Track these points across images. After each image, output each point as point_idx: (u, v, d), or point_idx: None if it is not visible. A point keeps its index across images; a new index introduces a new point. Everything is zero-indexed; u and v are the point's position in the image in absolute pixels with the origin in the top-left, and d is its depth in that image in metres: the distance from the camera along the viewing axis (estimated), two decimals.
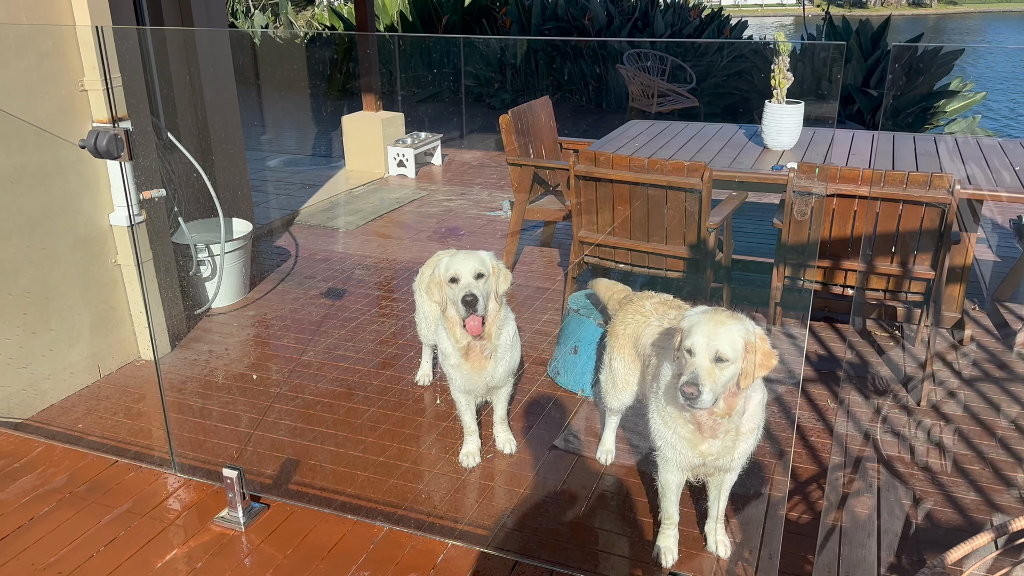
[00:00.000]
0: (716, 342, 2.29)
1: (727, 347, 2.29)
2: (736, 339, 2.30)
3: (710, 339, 2.29)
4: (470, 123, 11.06)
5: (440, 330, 3.11)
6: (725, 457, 2.52)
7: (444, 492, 3.11)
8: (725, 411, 2.41)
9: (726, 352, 2.28)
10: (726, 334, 2.30)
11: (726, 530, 2.81)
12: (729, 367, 2.30)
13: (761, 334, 2.36)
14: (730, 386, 2.35)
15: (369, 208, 6.84)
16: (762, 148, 4.76)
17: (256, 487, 3.11)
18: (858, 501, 3.01)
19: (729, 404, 2.40)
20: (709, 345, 2.29)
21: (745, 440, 2.51)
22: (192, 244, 4.60)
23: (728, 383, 2.33)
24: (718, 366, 2.29)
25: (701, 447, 2.49)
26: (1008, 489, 3.07)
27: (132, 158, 2.59)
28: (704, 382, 2.26)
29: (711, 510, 2.77)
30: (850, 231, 3.75)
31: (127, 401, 3.82)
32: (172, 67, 5.04)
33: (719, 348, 2.28)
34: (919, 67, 10.46)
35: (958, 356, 4.09)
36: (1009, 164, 4.33)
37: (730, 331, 2.31)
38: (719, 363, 2.29)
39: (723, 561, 2.74)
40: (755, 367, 2.33)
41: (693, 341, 2.32)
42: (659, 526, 2.77)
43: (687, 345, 2.33)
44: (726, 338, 2.29)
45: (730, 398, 2.39)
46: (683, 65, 10.73)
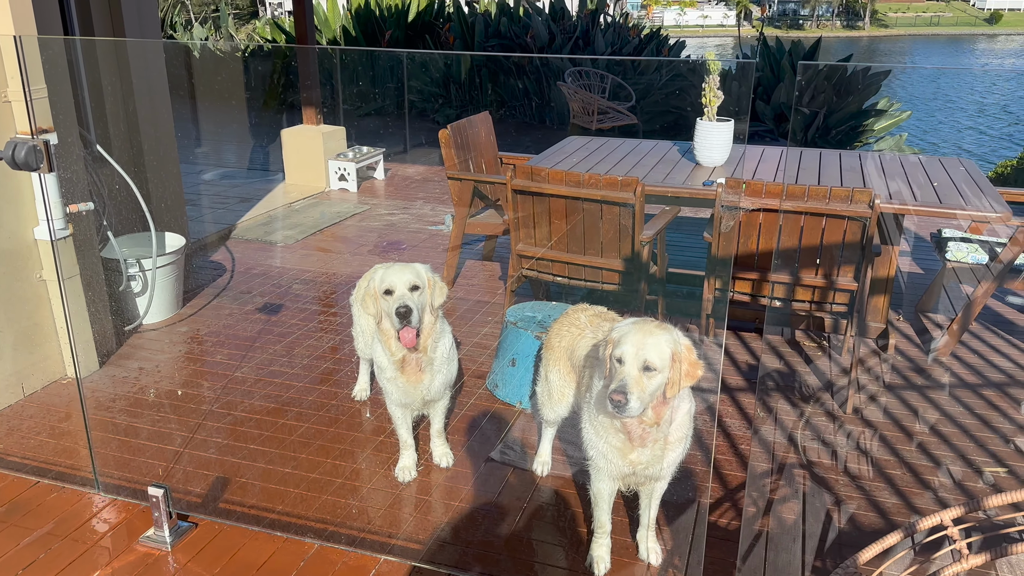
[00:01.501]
0: (644, 351, 2.33)
1: (655, 356, 2.34)
2: (664, 349, 2.35)
3: (638, 348, 2.34)
4: (413, 138, 11.06)
5: (376, 343, 3.10)
6: (654, 466, 2.57)
7: (378, 507, 3.09)
8: (653, 420, 2.46)
9: (654, 361, 2.33)
10: (654, 344, 2.35)
11: (657, 537, 2.86)
12: (656, 376, 2.35)
13: (688, 344, 2.42)
14: (657, 395, 2.40)
15: (309, 222, 6.78)
16: (694, 164, 4.88)
17: (184, 506, 3.05)
18: (784, 506, 3.09)
19: (657, 413, 2.45)
20: (638, 354, 2.33)
21: (673, 449, 2.56)
22: (122, 259, 4.50)
23: (655, 392, 2.37)
24: (646, 375, 2.34)
25: (631, 456, 2.53)
26: (926, 491, 3.18)
27: (53, 170, 2.53)
28: (632, 390, 2.31)
29: (642, 518, 2.81)
30: (776, 244, 3.86)
31: (51, 420, 3.70)
32: (103, 78, 4.94)
33: (647, 357, 2.33)
34: (848, 87, 10.84)
35: (881, 364, 4.24)
36: (929, 180, 4.53)
37: (658, 341, 2.36)
38: (647, 372, 2.34)
39: (654, 568, 2.78)
40: (681, 376, 2.39)
41: (622, 350, 2.36)
42: (592, 535, 2.80)
43: (616, 354, 2.37)
44: (654, 348, 2.34)
45: (658, 407, 2.44)
46: (623, 83, 10.93)
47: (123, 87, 5.05)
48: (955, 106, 18.75)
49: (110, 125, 5.02)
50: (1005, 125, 16.97)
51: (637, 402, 2.31)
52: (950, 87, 20.96)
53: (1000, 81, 20.87)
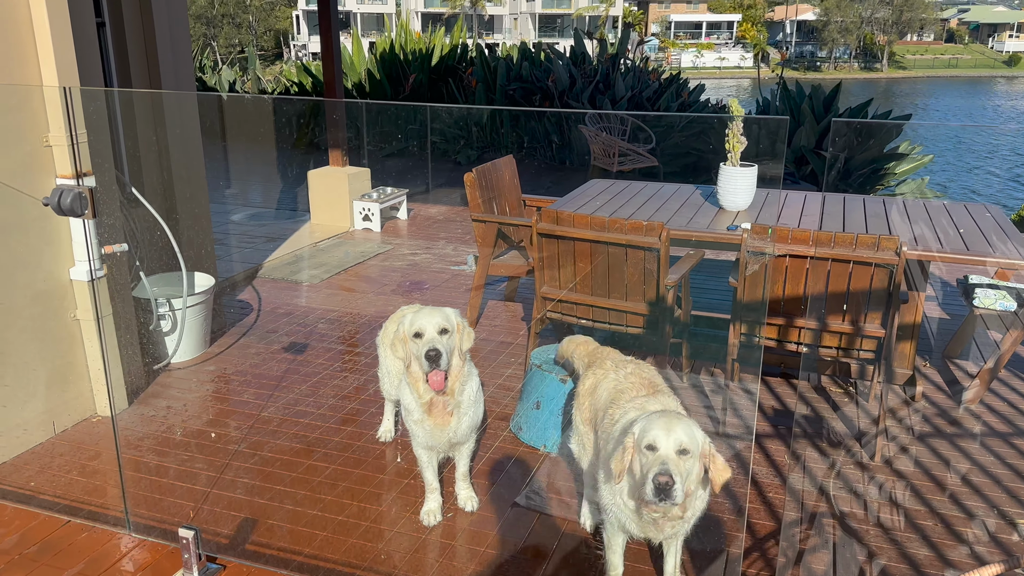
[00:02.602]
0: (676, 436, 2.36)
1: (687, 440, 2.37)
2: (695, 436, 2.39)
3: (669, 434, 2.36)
4: (436, 178, 11.21)
5: (403, 385, 3.13)
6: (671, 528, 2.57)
7: (404, 552, 3.08)
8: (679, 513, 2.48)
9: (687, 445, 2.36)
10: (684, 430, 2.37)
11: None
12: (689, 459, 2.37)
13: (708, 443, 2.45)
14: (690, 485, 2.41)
15: (333, 262, 6.86)
16: (718, 208, 4.91)
17: (212, 547, 3.06)
18: (814, 557, 3.05)
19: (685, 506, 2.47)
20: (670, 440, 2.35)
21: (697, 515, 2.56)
22: (153, 298, 4.57)
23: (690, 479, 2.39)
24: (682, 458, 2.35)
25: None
26: (959, 544, 3.13)
27: (96, 216, 2.61)
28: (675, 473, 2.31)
29: (666, 566, 2.79)
30: (803, 290, 3.87)
31: (82, 459, 3.74)
32: (139, 124, 5.07)
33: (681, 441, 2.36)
34: (869, 131, 10.87)
35: (910, 412, 4.20)
36: (954, 225, 4.52)
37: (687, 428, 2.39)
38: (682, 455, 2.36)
39: None
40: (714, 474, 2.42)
41: (654, 436, 2.37)
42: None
43: (647, 442, 2.38)
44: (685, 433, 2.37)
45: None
46: (643, 126, 11.03)
47: (157, 132, 5.18)
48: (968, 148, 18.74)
49: (143, 169, 5.14)
50: (1013, 167, 16.95)
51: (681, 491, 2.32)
52: (972, 132, 20.97)
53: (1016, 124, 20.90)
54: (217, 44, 45.09)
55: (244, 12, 52.41)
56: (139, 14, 4.98)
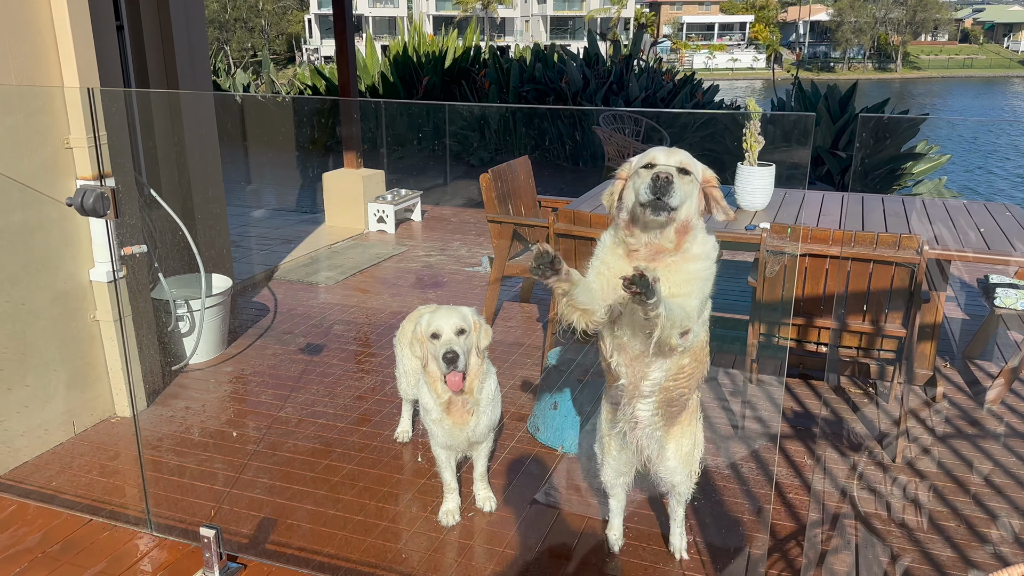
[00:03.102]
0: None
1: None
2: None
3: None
4: (450, 180, 11.22)
5: (421, 385, 3.13)
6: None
7: (423, 552, 3.08)
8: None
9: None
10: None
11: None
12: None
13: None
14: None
15: (349, 263, 6.88)
16: (735, 208, 4.88)
17: (233, 546, 3.07)
18: (837, 558, 3.03)
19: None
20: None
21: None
22: (172, 299, 4.60)
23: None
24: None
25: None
26: (983, 545, 3.10)
27: (118, 216, 2.62)
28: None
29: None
30: (822, 290, 3.84)
31: (102, 459, 3.76)
32: (157, 126, 5.11)
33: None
34: (886, 131, 10.82)
35: (931, 413, 4.16)
36: (975, 225, 4.48)
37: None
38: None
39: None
40: None
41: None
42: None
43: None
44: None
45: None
46: (657, 127, 11.01)
47: (175, 134, 5.22)
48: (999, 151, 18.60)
49: (161, 170, 5.18)
50: (1015, 166, 16.80)
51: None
52: (990, 131, 20.80)
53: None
54: (230, 48, 45.37)
55: (256, 16, 52.72)
56: (157, 16, 5.02)
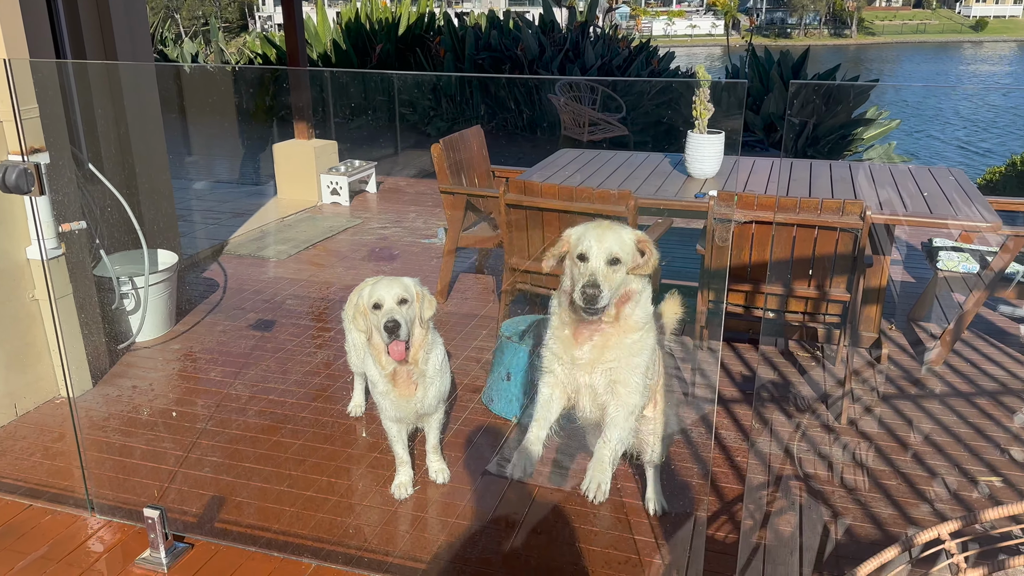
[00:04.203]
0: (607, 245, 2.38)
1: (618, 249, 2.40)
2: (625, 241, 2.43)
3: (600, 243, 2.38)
4: (405, 151, 11.08)
5: (367, 358, 3.10)
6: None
7: (375, 525, 3.08)
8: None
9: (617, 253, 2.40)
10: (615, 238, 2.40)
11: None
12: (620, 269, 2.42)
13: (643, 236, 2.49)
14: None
15: (301, 237, 6.78)
16: (686, 176, 4.90)
17: (180, 526, 3.03)
18: (781, 519, 3.09)
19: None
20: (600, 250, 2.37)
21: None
22: (115, 277, 4.48)
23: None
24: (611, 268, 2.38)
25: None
26: (922, 502, 3.19)
27: (44, 193, 2.53)
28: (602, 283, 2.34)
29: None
30: (769, 256, 3.88)
31: (44, 441, 3.68)
32: (95, 97, 4.94)
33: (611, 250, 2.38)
34: (837, 97, 10.92)
35: (875, 374, 4.26)
36: (919, 189, 4.56)
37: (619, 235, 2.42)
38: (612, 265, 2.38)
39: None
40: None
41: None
42: None
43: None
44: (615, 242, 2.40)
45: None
46: (613, 95, 10.98)
47: (115, 106, 5.05)
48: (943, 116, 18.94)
49: (102, 144, 5.02)
50: (957, 130, 17.18)
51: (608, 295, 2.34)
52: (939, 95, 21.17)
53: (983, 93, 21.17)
54: (180, 16, 44.03)
55: None
56: None
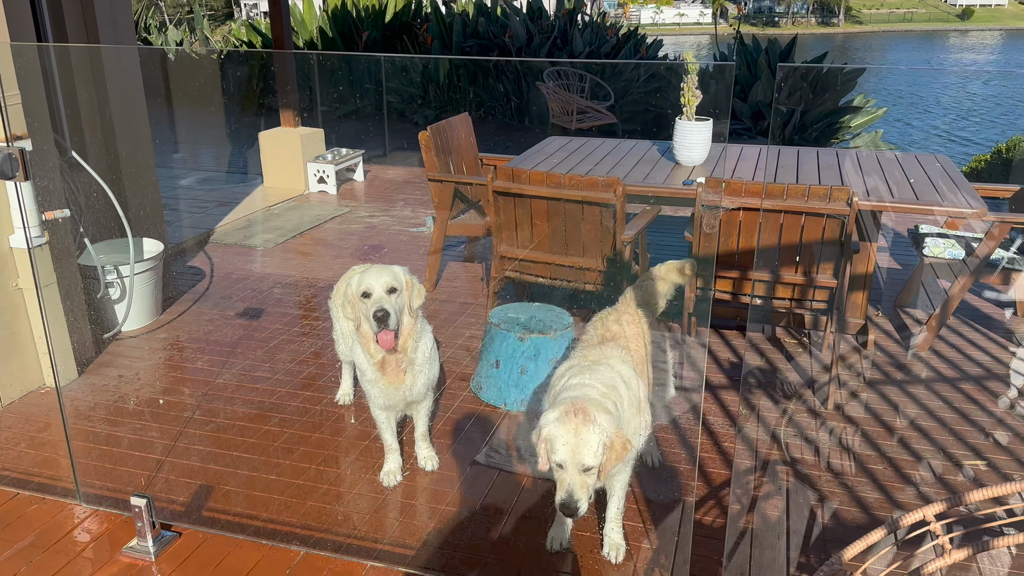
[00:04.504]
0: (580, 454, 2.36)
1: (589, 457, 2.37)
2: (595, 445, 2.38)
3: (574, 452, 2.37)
4: (393, 139, 11.03)
5: (356, 346, 3.09)
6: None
7: (364, 512, 3.08)
8: None
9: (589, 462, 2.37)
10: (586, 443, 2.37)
11: (623, 534, 2.86)
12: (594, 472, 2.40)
13: (616, 430, 2.43)
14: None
15: (289, 226, 6.74)
16: (674, 163, 4.90)
17: (167, 515, 3.02)
18: (768, 503, 3.11)
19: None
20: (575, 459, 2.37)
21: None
22: (99, 266, 4.45)
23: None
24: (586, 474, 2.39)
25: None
26: (907, 486, 3.22)
27: (28, 178, 2.50)
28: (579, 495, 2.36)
29: (608, 510, 2.83)
30: (757, 242, 3.89)
31: (30, 431, 3.66)
32: (78, 83, 4.88)
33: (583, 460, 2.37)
34: (825, 84, 10.94)
35: (861, 360, 4.28)
36: (906, 176, 4.58)
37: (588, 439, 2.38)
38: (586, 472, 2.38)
39: (623, 566, 2.78)
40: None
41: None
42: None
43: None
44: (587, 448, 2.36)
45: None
46: (602, 83, 10.96)
47: (98, 92, 4.99)
48: (928, 104, 19.02)
49: (85, 131, 4.97)
50: (942, 118, 17.26)
51: (586, 506, 2.39)
52: (926, 83, 21.26)
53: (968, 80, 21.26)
54: (164, 4, 43.52)
55: None
56: None
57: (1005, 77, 20.82)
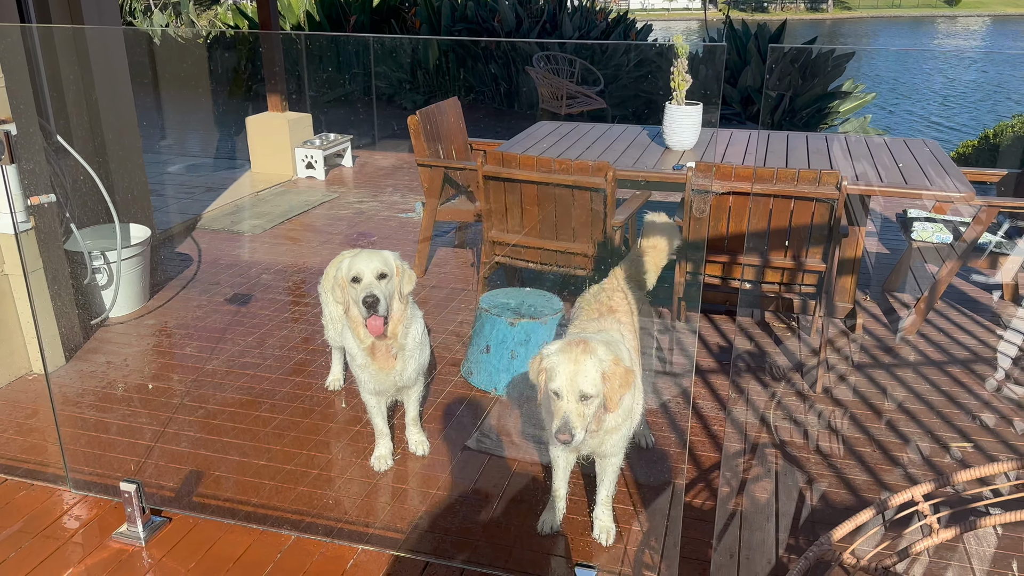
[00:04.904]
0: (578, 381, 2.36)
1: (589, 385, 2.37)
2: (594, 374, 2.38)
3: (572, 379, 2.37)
4: (381, 124, 10.98)
5: (345, 331, 3.08)
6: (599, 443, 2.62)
7: (355, 497, 3.08)
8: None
9: (588, 390, 2.37)
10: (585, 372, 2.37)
11: (613, 517, 2.88)
12: (594, 401, 2.39)
13: (615, 358, 2.42)
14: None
15: (277, 211, 6.70)
16: (664, 148, 4.90)
17: (157, 500, 3.01)
18: (757, 485, 3.13)
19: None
20: (572, 385, 2.36)
21: (619, 431, 2.59)
22: (86, 251, 4.41)
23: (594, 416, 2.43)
24: (584, 403, 2.38)
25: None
26: (895, 468, 3.25)
27: (14, 161, 2.47)
28: (575, 424, 2.35)
29: (599, 494, 2.84)
30: (746, 227, 3.90)
31: (18, 417, 3.63)
32: (63, 67, 4.82)
33: (582, 388, 2.36)
34: (813, 69, 10.94)
35: (849, 343, 4.31)
36: (894, 161, 4.59)
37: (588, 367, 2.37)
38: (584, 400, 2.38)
39: (613, 548, 2.80)
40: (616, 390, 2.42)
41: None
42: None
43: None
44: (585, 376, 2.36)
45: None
46: (591, 68, 10.93)
47: (83, 76, 4.93)
48: (916, 89, 19.06)
49: (71, 115, 4.91)
50: (930, 104, 17.28)
51: (582, 435, 2.38)
52: (914, 69, 21.31)
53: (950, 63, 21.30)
54: None
55: None
56: None
57: (991, 62, 20.87)
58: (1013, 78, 19.57)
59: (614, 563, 2.73)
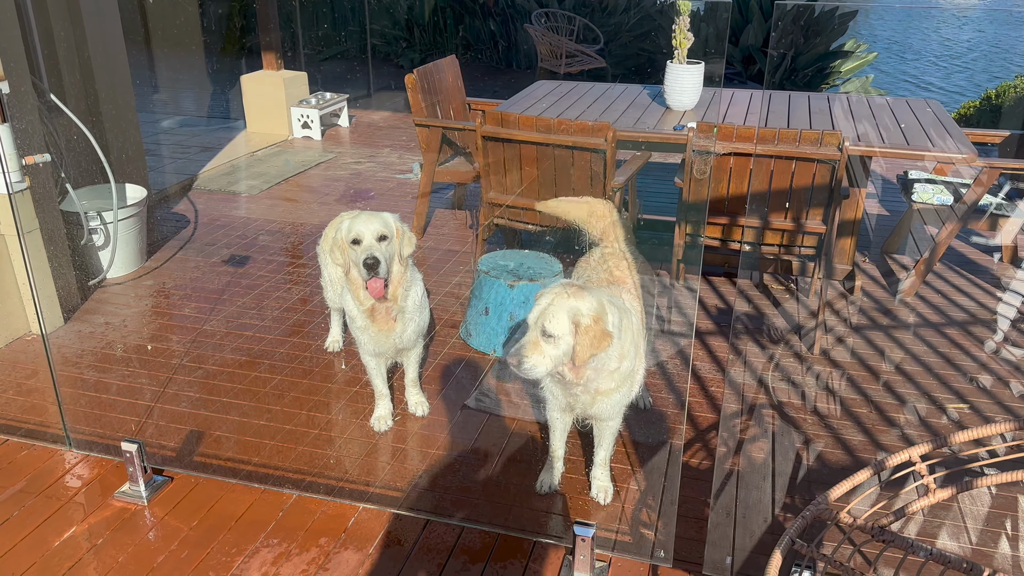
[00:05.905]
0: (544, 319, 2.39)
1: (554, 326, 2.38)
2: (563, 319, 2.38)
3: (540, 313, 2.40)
4: (377, 83, 10.82)
5: (345, 293, 3.08)
6: (594, 406, 2.63)
7: (356, 457, 3.10)
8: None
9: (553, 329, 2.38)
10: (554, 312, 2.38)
11: (611, 477, 2.90)
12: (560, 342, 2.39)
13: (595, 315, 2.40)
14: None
15: (273, 172, 6.65)
16: (665, 108, 4.84)
17: (159, 460, 3.03)
18: (754, 446, 3.16)
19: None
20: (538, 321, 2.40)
21: (616, 394, 2.61)
22: (82, 212, 4.38)
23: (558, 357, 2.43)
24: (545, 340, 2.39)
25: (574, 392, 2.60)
26: (891, 429, 3.27)
27: (6, 120, 2.43)
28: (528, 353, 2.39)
29: (597, 455, 2.86)
30: (747, 188, 3.87)
31: (17, 377, 3.64)
32: (54, 24, 4.73)
33: (545, 325, 2.38)
34: (815, 28, 10.79)
35: (848, 305, 4.31)
36: (896, 122, 4.55)
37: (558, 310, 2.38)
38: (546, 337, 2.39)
39: (611, 507, 2.83)
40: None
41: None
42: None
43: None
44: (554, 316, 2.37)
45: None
46: (591, 26, 10.76)
47: (76, 33, 4.85)
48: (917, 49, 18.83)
49: (64, 73, 4.84)
50: (931, 65, 17.07)
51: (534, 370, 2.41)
52: (917, 28, 21.04)
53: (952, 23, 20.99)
54: None
55: None
56: None
57: (993, 22, 20.57)
58: (1008, 37, 19.31)
59: (612, 521, 2.77)
